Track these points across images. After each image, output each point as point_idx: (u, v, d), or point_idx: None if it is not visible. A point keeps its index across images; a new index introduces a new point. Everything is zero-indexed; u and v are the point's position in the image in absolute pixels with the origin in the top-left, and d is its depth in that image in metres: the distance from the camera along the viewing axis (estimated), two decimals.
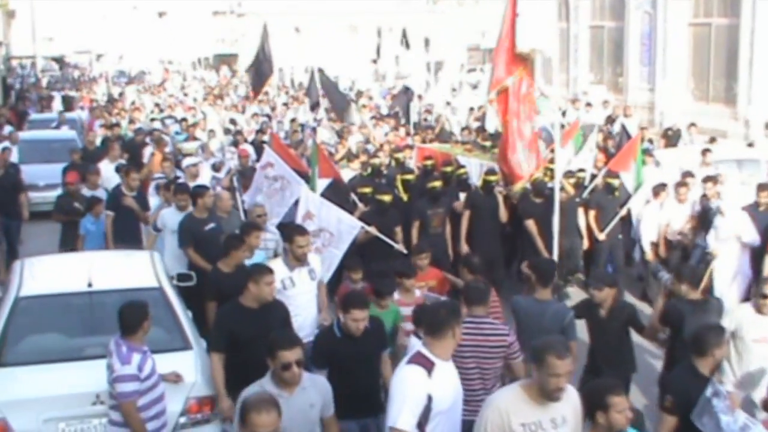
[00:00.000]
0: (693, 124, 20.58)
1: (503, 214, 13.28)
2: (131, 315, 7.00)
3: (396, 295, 8.75)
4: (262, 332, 6.73)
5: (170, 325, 8.26)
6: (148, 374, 6.92)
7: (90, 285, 8.50)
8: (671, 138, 20.61)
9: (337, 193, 12.78)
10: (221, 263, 9.28)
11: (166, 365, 7.34)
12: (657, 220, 13.25)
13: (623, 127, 19.83)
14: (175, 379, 7.46)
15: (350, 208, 12.41)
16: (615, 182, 13.73)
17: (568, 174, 13.93)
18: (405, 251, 11.53)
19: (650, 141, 20.03)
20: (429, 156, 15.84)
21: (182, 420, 7.43)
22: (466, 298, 7.41)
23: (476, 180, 14.50)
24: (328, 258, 11.10)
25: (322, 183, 12.86)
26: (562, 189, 12.57)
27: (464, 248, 12.86)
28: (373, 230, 11.62)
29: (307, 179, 12.98)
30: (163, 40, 63.25)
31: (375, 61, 40.74)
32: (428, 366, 5.88)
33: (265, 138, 19.21)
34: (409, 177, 14.40)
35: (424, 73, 33.22)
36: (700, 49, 28.63)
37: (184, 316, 8.56)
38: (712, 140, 18.30)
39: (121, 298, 7.53)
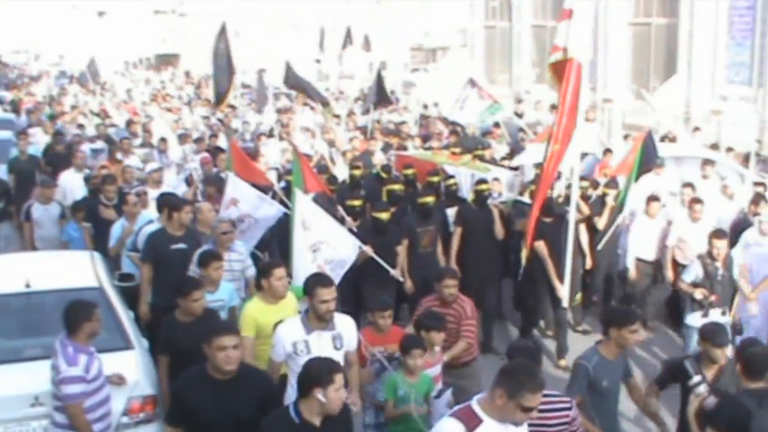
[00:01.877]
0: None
1: (499, 230, 12.00)
2: (72, 314, 6.90)
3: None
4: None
5: (111, 325, 8.12)
6: (95, 376, 6.84)
7: (28, 286, 8.37)
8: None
9: (323, 207, 10.95)
10: (179, 311, 7.89)
11: (107, 365, 7.21)
12: (647, 236, 12.38)
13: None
14: (118, 381, 7.37)
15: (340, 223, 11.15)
16: (612, 193, 12.70)
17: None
18: (401, 278, 10.91)
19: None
20: (409, 164, 14.51)
21: (124, 420, 7.37)
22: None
23: (466, 192, 13.18)
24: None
25: (308, 197, 11.23)
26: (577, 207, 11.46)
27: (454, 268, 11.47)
28: (368, 250, 10.50)
29: (271, 191, 12.35)
30: (103, 40, 62.43)
31: (318, 61, 40.64)
32: (471, 422, 5.05)
33: (220, 143, 18.13)
34: (396, 188, 13.15)
35: (366, 73, 33.26)
36: (640, 48, 28.99)
37: (125, 316, 8.54)
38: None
39: (59, 298, 7.48)
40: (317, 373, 5.56)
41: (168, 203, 10.42)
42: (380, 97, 21.89)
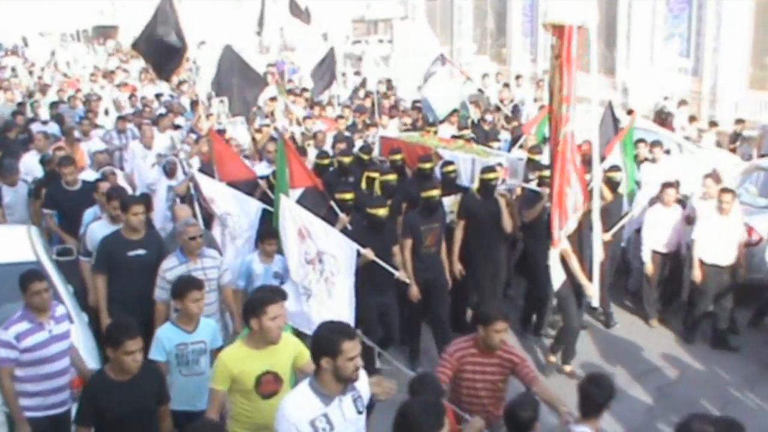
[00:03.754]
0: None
1: (507, 223, 10.59)
2: (19, 283, 6.86)
3: None
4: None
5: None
6: (29, 347, 6.74)
7: None
8: None
9: (313, 203, 10.10)
10: (109, 366, 6.08)
11: None
12: (663, 227, 11.22)
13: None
14: None
15: (331, 219, 9.84)
16: (617, 176, 11.32)
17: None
18: (408, 280, 9.64)
19: None
20: (397, 149, 12.86)
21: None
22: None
23: (467, 180, 11.75)
24: (340, 297, 8.99)
25: (293, 195, 10.16)
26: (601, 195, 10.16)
27: (457, 267, 10.56)
28: (369, 253, 9.18)
29: (253, 185, 11.34)
30: (38, 11, 60.99)
31: (259, 33, 40.25)
32: None
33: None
34: (390, 178, 11.39)
35: (308, 46, 32.95)
36: None
37: (64, 291, 8.40)
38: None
39: None
40: None
41: (121, 200, 9.14)
42: (333, 72, 20.61)
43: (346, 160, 12.38)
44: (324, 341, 5.14)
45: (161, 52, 15.83)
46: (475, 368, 6.66)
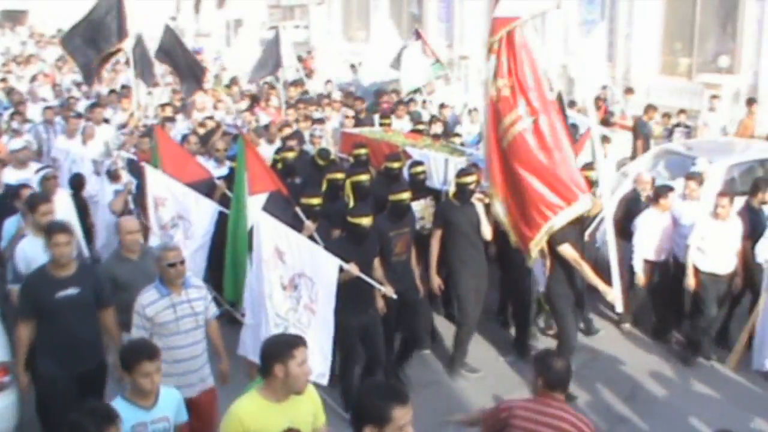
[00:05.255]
0: None
1: (487, 230, 9.67)
2: None
3: None
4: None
5: None
6: None
7: None
8: None
9: (280, 210, 9.01)
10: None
11: None
12: (656, 233, 10.58)
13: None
14: None
15: (297, 226, 8.77)
16: (593, 175, 10.34)
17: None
18: (394, 295, 8.58)
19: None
20: (361, 143, 11.87)
21: None
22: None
23: (439, 182, 10.90)
24: (321, 326, 7.85)
25: (256, 201, 9.07)
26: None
27: (435, 281, 9.82)
28: (353, 269, 8.08)
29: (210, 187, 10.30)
30: None
31: (174, 18, 39.76)
32: None
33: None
34: (363, 179, 10.36)
35: (224, 31, 32.76)
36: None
37: None
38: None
39: None
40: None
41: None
42: (278, 60, 19.21)
43: (290, 155, 11.51)
44: (370, 408, 4.19)
45: (90, 51, 15.22)
46: None
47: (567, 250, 8.81)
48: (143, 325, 6.87)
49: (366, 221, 8.45)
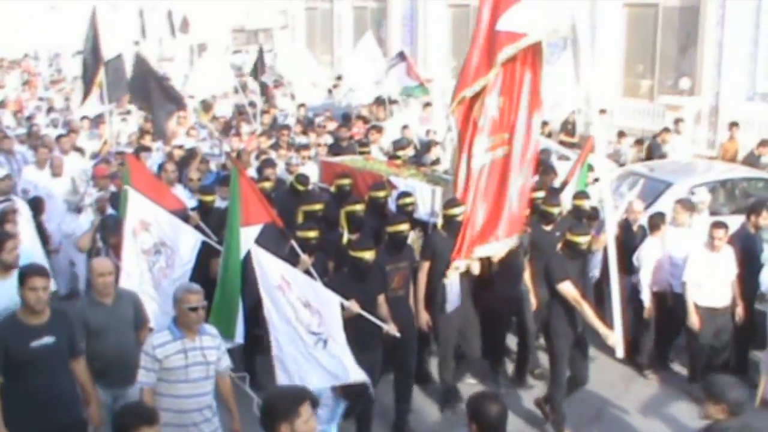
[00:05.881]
0: None
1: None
2: None
3: None
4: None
5: None
6: None
7: None
8: None
9: (274, 243, 8.62)
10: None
11: None
12: (658, 263, 10.22)
13: None
14: None
15: (292, 260, 8.38)
16: (584, 204, 10.56)
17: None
18: (398, 334, 8.12)
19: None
20: (344, 173, 11.39)
21: None
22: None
23: (426, 213, 10.42)
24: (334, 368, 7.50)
25: (250, 233, 8.61)
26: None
27: (423, 317, 9.25)
28: (354, 306, 7.73)
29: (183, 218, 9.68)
30: None
31: (137, 43, 39.58)
32: None
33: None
34: (357, 209, 9.86)
35: (187, 56, 32.64)
36: (460, 29, 29.78)
37: None
38: None
39: None
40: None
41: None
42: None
43: (267, 185, 11.02)
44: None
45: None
46: None
47: (567, 288, 8.49)
48: (152, 367, 6.47)
49: (369, 255, 8.08)
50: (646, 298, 10.10)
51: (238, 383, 8.43)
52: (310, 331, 7.51)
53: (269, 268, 7.71)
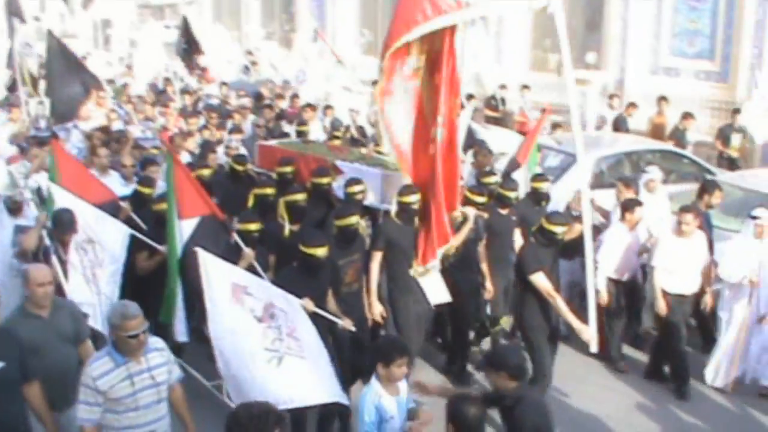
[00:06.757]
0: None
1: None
2: None
3: None
4: None
5: None
6: None
7: None
8: None
9: (213, 237, 8.16)
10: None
11: None
12: (623, 251, 9.75)
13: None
14: None
15: (233, 256, 7.84)
16: (543, 186, 10.29)
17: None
18: (353, 328, 7.71)
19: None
20: (287, 159, 10.61)
21: None
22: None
23: (377, 200, 9.87)
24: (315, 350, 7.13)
25: (187, 226, 8.22)
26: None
27: (377, 308, 8.75)
28: (308, 304, 7.23)
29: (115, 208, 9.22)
30: None
31: (38, 19, 38.56)
32: None
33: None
34: (299, 198, 9.10)
35: (91, 32, 32.00)
36: (368, 2, 29.60)
37: None
38: None
39: None
40: None
41: None
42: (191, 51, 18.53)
43: (206, 173, 10.50)
44: None
45: None
46: None
47: (540, 279, 8.13)
48: (95, 401, 5.64)
49: (321, 252, 7.51)
50: (602, 283, 9.56)
51: (213, 392, 8.37)
52: (264, 347, 7.03)
53: (216, 276, 7.14)
